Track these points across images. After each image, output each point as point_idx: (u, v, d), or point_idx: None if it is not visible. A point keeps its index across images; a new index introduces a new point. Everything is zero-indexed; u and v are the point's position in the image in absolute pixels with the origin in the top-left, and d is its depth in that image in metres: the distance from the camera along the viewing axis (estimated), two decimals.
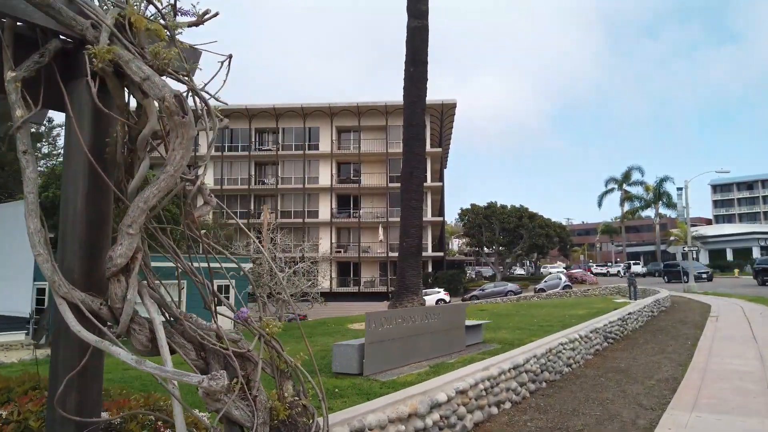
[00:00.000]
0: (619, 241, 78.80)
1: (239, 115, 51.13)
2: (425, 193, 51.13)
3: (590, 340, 8.51)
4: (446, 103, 49.82)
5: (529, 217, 49.14)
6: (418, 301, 17.64)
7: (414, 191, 18.22)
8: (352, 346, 8.30)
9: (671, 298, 24.50)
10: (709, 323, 13.25)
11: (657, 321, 14.10)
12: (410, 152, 18.35)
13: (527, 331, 13.35)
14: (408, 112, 18.42)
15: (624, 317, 10.80)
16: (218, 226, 37.10)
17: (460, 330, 11.07)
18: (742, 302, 21.00)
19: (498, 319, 17.21)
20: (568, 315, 16.92)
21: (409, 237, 17.89)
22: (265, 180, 52.12)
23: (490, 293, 41.63)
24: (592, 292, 35.52)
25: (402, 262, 17.88)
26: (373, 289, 49.49)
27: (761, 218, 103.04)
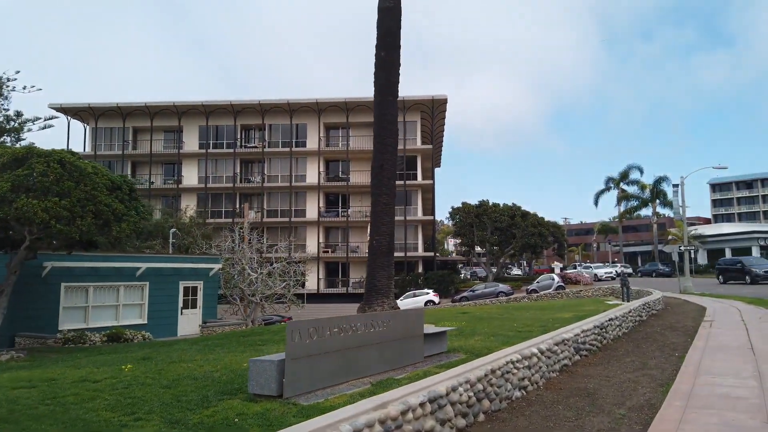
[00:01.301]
0: (616, 240, 77.46)
1: (224, 111, 49.81)
2: (415, 191, 49.88)
3: (555, 354, 7.15)
4: (437, 99, 48.52)
5: (521, 215, 47.76)
6: (389, 304, 16.34)
7: (385, 185, 16.92)
8: (270, 362, 6.95)
9: (665, 299, 23.16)
10: (701, 329, 11.90)
11: (644, 326, 12.74)
12: (381, 143, 17.05)
13: (502, 337, 12.06)
14: (378, 99, 17.11)
15: (603, 324, 9.45)
16: (195, 225, 35.75)
17: (417, 339, 9.73)
18: (740, 304, 19.64)
19: (477, 323, 15.92)
20: (551, 319, 15.60)
21: (379, 235, 16.59)
22: (251, 178, 50.75)
23: (481, 294, 40.28)
24: (585, 293, 34.17)
25: (372, 262, 16.57)
26: (362, 290, 47.94)
27: (761, 217, 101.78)
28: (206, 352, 12.18)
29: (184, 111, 49.85)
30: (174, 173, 50.33)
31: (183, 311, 22.37)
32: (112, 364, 10.00)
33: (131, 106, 49.52)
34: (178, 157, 49.94)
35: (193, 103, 49.30)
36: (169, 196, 49.85)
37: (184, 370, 8.94)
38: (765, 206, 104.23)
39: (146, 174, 50.19)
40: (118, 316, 20.20)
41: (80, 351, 14.83)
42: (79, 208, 12.66)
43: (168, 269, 21.95)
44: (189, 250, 28.04)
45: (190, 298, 22.80)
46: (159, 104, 49.39)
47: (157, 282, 21.44)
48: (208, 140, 50.20)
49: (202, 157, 49.80)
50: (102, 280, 19.78)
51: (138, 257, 21.84)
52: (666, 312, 17.26)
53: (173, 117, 50.07)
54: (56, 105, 48.53)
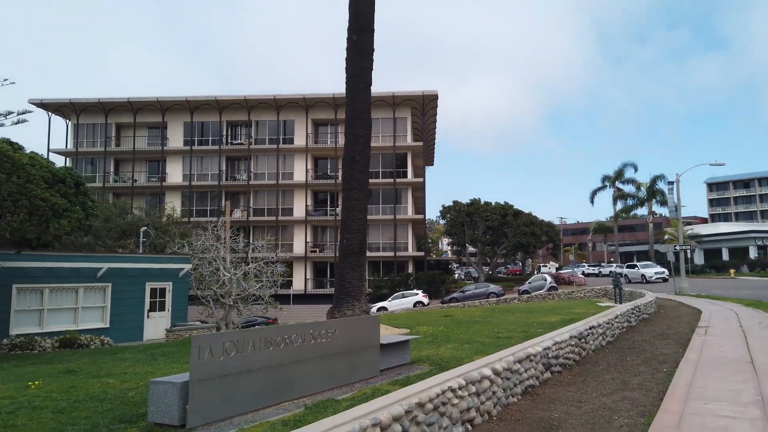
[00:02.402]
0: (612, 240, 76.38)
1: (209, 107, 48.55)
2: (406, 189, 48.65)
3: (516, 374, 5.95)
4: (427, 95, 47.33)
5: (513, 214, 46.56)
6: (360, 307, 15.14)
7: (356, 179, 15.70)
8: (172, 385, 5.76)
9: (659, 302, 22.00)
10: (695, 337, 10.73)
11: (633, 333, 11.56)
12: (352, 134, 15.83)
13: (478, 345, 10.93)
14: (350, 87, 15.89)
15: (581, 334, 8.27)
16: (174, 223, 34.50)
17: (372, 350, 8.55)
18: (737, 307, 18.50)
19: (456, 328, 14.78)
20: (536, 323, 14.48)
21: (349, 233, 15.38)
22: (237, 176, 49.47)
23: (471, 295, 39.06)
24: (577, 294, 33.01)
25: (342, 263, 15.36)
26: None
27: (758, 217, 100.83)
28: (146, 362, 10.98)
29: (168, 107, 48.57)
30: (158, 171, 49.03)
31: (149, 314, 21.15)
32: (26, 378, 8.80)
33: (114, 102, 48.22)
34: (162, 154, 48.65)
35: (177, 98, 48.03)
36: (153, 194, 48.54)
37: (98, 388, 7.74)
38: (762, 206, 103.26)
39: (129, 171, 48.90)
40: (76, 319, 18.96)
41: (21, 358, 13.61)
42: (9, 202, 11.43)
43: (133, 270, 20.71)
44: (165, 250, 26.78)
45: (157, 300, 21.58)
46: (142, 100, 48.10)
47: (121, 283, 20.21)
48: (193, 137, 48.94)
49: (187, 154, 48.52)
50: (59, 281, 18.53)
51: (99, 257, 20.60)
52: (658, 316, 16.09)
53: (157, 113, 48.77)
54: (36, 100, 47.20)
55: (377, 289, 44.55)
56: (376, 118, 49.13)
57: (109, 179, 48.67)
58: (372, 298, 44.00)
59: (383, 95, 47.47)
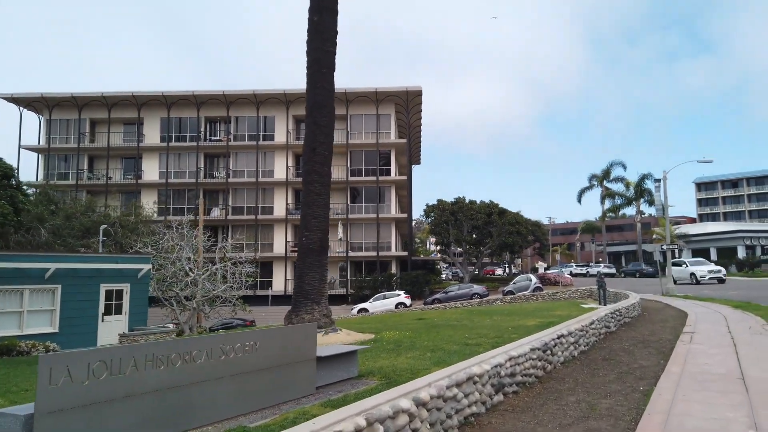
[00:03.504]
0: (600, 240, 75.65)
1: (187, 102, 47.12)
2: (389, 187, 47.44)
3: (453, 401, 4.75)
4: (411, 90, 46.16)
5: (498, 213, 45.49)
6: (320, 311, 13.93)
7: (317, 172, 14.50)
8: (14, 418, 4.56)
9: (644, 303, 20.97)
10: (679, 345, 9.63)
11: (611, 341, 10.45)
12: (313, 123, 14.64)
13: (442, 353, 9.80)
14: (311, 71, 14.70)
15: (546, 345, 7.11)
16: (142, 222, 33.12)
17: (305, 365, 7.34)
18: (726, 309, 17.49)
19: (426, 332, 13.63)
20: (512, 327, 13.37)
21: (309, 230, 14.17)
22: (216, 173, 48.04)
23: (454, 296, 37.99)
24: (562, 295, 32.01)
25: (301, 263, 14.14)
26: (332, 291, 45.60)
27: (746, 216, 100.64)
28: None
29: (144, 102, 47.07)
30: (134, 168, 47.50)
31: (104, 318, 19.80)
32: None
33: (88, 97, 46.66)
34: (138, 151, 47.14)
35: (153, 93, 46.55)
36: (129, 192, 47.01)
37: None
38: (750, 205, 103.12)
39: (104, 168, 47.36)
40: (21, 324, 17.61)
41: None
42: None
43: (86, 270, 19.35)
44: (127, 249, 25.46)
45: (114, 302, 20.22)
46: (117, 94, 46.58)
47: (73, 285, 18.85)
48: (170, 133, 47.46)
49: (164, 150, 47.05)
50: (1, 283, 17.18)
51: (47, 257, 19.24)
52: (641, 320, 15.02)
53: (133, 108, 47.27)
54: (7, 95, 45.63)
55: (359, 289, 43.39)
56: (359, 114, 48.07)
57: (82, 176, 47.09)
58: (354, 299, 42.82)
59: (365, 91, 46.30)
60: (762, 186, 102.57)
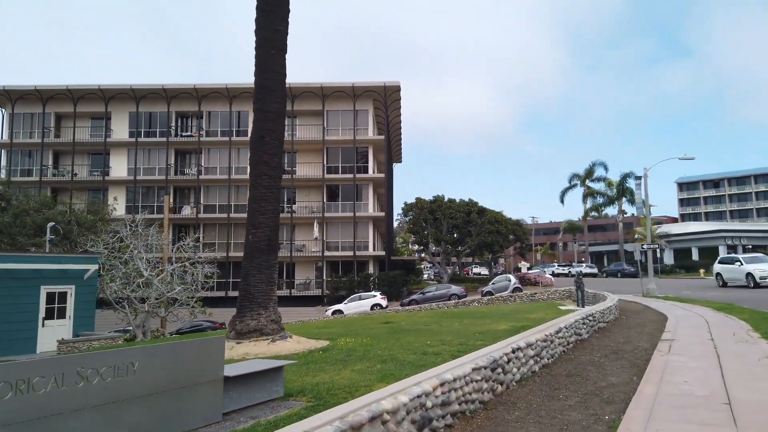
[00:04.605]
0: (583, 239, 75.08)
1: (156, 96, 45.40)
2: (366, 185, 46.10)
3: None
4: (389, 86, 44.94)
5: (478, 212, 44.43)
6: (268, 316, 12.61)
7: (266, 163, 13.17)
8: None
9: (623, 305, 19.95)
10: (656, 356, 8.51)
11: (580, 351, 9.30)
12: (261, 110, 13.31)
13: (395, 365, 8.61)
14: (260, 52, 13.37)
15: (496, 361, 5.88)
16: (102, 220, 31.49)
17: (208, 387, 6.03)
18: (707, 312, 16.49)
19: (386, 339, 12.41)
20: (479, 332, 12.21)
21: (256, 227, 12.84)
22: (187, 170, 46.40)
23: (431, 297, 36.86)
24: (540, 296, 31.02)
25: (247, 263, 12.80)
26: (307, 291, 44.34)
27: (727, 216, 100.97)
28: None
29: (112, 96, 45.28)
30: (101, 164, 45.65)
31: (45, 323, 18.31)
32: None
33: (52, 90, 44.76)
34: (105, 147, 45.33)
35: (121, 87, 44.78)
36: (95, 189, 45.17)
37: None
38: (731, 205, 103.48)
39: (70, 164, 45.47)
40: None
41: None
42: None
43: (23, 271, 17.86)
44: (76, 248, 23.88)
45: (56, 306, 18.73)
46: (83, 87, 44.73)
47: (8, 287, 17.37)
48: (139, 128, 45.71)
49: (132, 146, 45.30)
50: None
51: None
52: (618, 324, 13.93)
53: (100, 102, 45.45)
54: None
55: (335, 290, 42.08)
56: (336, 110, 46.71)
57: (47, 173, 45.18)
58: (330, 300, 41.46)
59: (342, 86, 45.00)
60: (743, 186, 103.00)
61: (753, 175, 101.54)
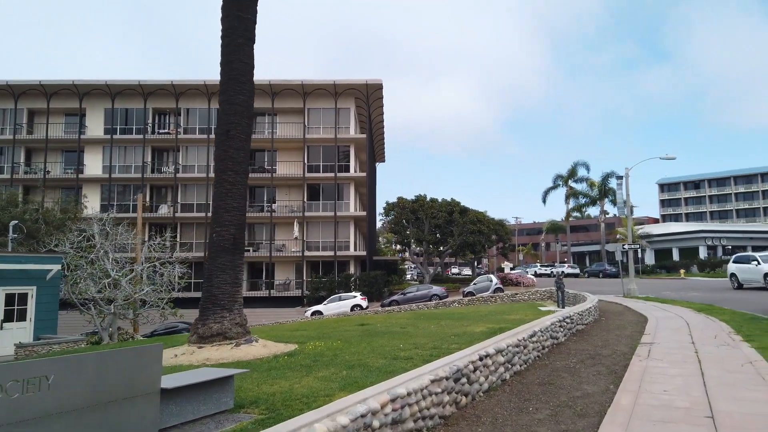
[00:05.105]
0: (565, 240, 75.20)
1: (133, 92, 44.32)
2: (348, 184, 45.48)
3: None
4: (371, 84, 44.37)
5: (460, 212, 44.04)
6: (232, 319, 11.98)
7: (231, 158, 12.56)
8: None
9: (603, 306, 19.64)
10: (635, 361, 8.06)
11: (556, 355, 8.82)
12: (228, 102, 12.70)
13: (362, 371, 8.07)
14: (227, 41, 12.75)
15: (461, 371, 5.36)
16: (72, 218, 30.51)
17: (143, 401, 5.40)
18: (687, 313, 16.18)
19: (358, 342, 11.86)
20: (456, 335, 11.70)
21: (221, 225, 12.20)
22: (164, 168, 45.38)
23: (412, 298, 36.38)
24: (521, 297, 30.70)
25: (211, 263, 12.15)
26: (287, 292, 43.58)
27: (707, 217, 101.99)
28: None
29: (87, 91, 44.09)
30: (75, 161, 44.43)
31: (4, 325, 17.44)
32: None
33: (25, 85, 43.47)
34: (80, 144, 44.12)
35: (96, 82, 43.62)
36: (69, 187, 43.94)
37: None
38: (712, 206, 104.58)
39: (42, 162, 44.19)
40: None
41: None
42: None
43: None
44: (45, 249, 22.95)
45: (16, 308, 17.86)
46: (57, 83, 43.48)
47: None
48: (115, 125, 44.58)
49: (108, 143, 44.15)
50: None
51: None
52: (597, 326, 13.52)
53: (74, 98, 44.24)
54: None
55: (315, 291, 41.41)
56: (317, 108, 46.02)
57: (18, 170, 43.88)
58: (309, 301, 40.79)
59: (324, 83, 44.34)
60: (723, 187, 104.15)
61: (733, 177, 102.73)
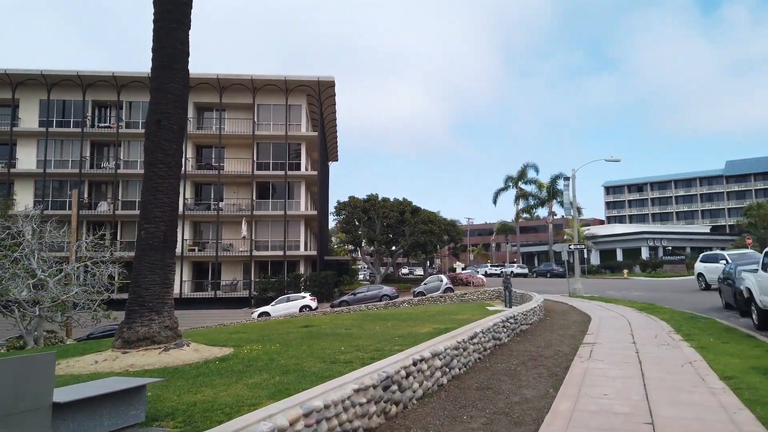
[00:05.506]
0: (515, 240, 76.46)
1: (71, 83, 42.08)
2: (299, 183, 44.60)
3: None
4: (323, 81, 43.66)
5: (411, 211, 43.92)
6: (162, 322, 11.15)
7: (163, 150, 11.72)
8: None
9: (549, 305, 19.72)
10: (576, 363, 7.86)
11: (497, 357, 8.54)
12: (159, 89, 11.86)
13: (295, 376, 7.49)
14: (159, 26, 11.92)
15: (391, 378, 4.86)
16: None
17: (30, 418, 4.74)
18: (630, 312, 16.38)
19: (298, 345, 11.26)
20: (401, 336, 11.28)
21: (150, 221, 11.37)
22: (104, 163, 43.29)
23: (363, 298, 35.96)
24: (470, 297, 30.76)
25: (138, 261, 11.30)
26: (234, 293, 42.31)
27: (650, 219, 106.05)
28: None
29: (21, 81, 41.56)
30: (7, 155, 41.80)
31: None
32: None
33: None
34: (11, 136, 41.53)
35: (30, 72, 41.17)
36: (0, 182, 41.29)
37: None
38: (654, 208, 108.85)
39: None
40: None
41: None
42: None
43: None
44: None
45: None
46: None
47: None
48: (51, 117, 42.20)
49: (43, 136, 41.75)
50: None
51: None
52: (541, 326, 13.42)
53: (5, 88, 41.61)
54: None
55: (263, 291, 40.38)
56: (267, 104, 44.94)
57: None
58: (257, 302, 39.74)
59: (274, 78, 43.34)
60: (664, 190, 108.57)
61: (673, 180, 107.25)
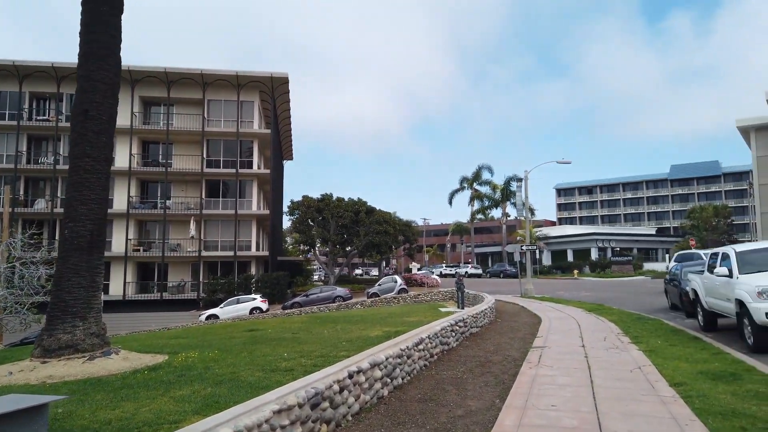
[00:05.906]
0: (470, 241, 77.15)
1: (6, 73, 39.69)
2: (251, 181, 43.45)
3: None
4: (276, 77, 42.67)
5: (366, 212, 43.46)
6: (86, 329, 10.28)
7: (90, 143, 10.85)
8: None
9: (501, 306, 19.64)
10: (525, 369, 7.56)
11: (444, 363, 8.16)
12: (87, 78, 11.00)
13: (229, 388, 6.89)
14: (87, 8, 11.04)
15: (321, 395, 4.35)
16: None
17: None
18: (579, 313, 16.39)
19: (240, 350, 10.63)
20: (349, 340, 10.81)
21: (74, 220, 10.47)
22: (42, 159, 41.01)
23: (315, 300, 35.27)
24: (424, 298, 30.57)
25: (61, 263, 10.38)
26: (181, 295, 40.79)
27: (599, 221, 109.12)
28: None
29: None
30: None
31: None
32: None
33: None
34: None
35: None
36: None
37: None
38: (602, 210, 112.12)
39: None
40: None
41: None
42: None
43: None
44: None
45: None
46: None
47: None
48: None
49: None
50: None
51: None
52: (492, 328, 13.18)
53: None
54: None
55: (212, 293, 39.08)
56: (218, 100, 43.59)
57: None
58: (206, 304, 38.42)
59: (226, 74, 42.08)
60: (613, 193, 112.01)
61: (621, 184, 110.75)
